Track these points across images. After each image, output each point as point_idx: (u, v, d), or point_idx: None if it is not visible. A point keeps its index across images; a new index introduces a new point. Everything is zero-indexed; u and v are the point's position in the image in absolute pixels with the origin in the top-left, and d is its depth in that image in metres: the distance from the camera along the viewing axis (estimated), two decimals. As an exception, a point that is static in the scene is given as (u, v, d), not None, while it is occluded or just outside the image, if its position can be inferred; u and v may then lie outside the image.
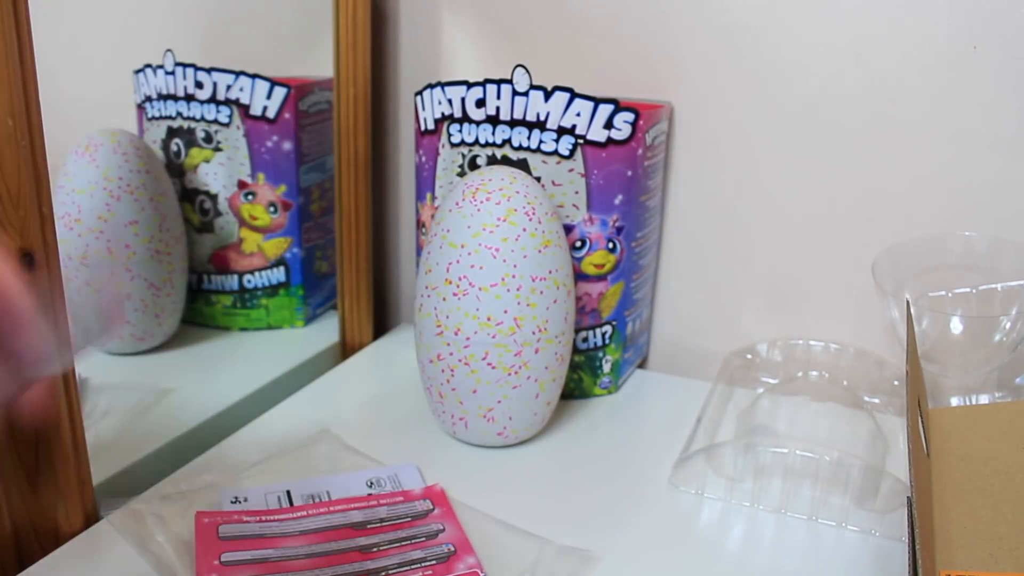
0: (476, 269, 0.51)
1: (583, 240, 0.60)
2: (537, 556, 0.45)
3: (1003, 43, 0.56)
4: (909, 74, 0.59)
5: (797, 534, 0.48)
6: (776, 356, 0.66)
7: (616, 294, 0.62)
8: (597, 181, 0.58)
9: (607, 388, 0.65)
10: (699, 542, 0.48)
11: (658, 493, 0.52)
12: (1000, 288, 0.57)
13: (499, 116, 0.58)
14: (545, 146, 0.58)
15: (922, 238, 0.60)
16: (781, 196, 0.65)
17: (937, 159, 0.60)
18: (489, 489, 0.52)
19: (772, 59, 0.62)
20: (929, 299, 0.59)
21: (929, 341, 0.56)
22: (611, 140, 0.57)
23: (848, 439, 0.57)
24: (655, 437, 0.59)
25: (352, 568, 0.42)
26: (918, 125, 0.60)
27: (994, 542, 0.36)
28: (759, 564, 0.46)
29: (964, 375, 0.56)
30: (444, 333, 0.52)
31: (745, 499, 0.51)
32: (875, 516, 0.49)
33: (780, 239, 0.66)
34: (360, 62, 0.69)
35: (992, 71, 0.57)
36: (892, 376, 0.63)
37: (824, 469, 0.49)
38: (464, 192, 0.52)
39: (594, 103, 0.56)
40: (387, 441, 0.57)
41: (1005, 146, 0.58)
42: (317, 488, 0.50)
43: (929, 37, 0.58)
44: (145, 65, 0.71)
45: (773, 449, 0.50)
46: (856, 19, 0.59)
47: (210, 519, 0.45)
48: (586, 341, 0.63)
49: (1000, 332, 0.55)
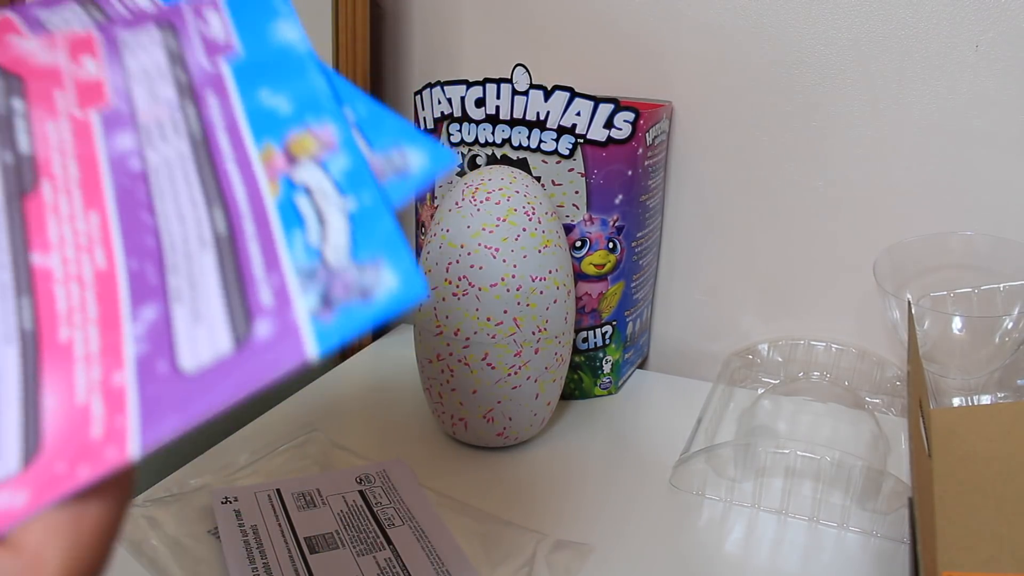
0: (476, 269, 0.51)
1: (583, 240, 0.60)
2: (534, 550, 0.45)
3: (1004, 42, 0.56)
4: (910, 73, 0.59)
5: (798, 535, 0.48)
6: (777, 356, 0.66)
7: (616, 294, 0.62)
8: (597, 181, 0.58)
9: (607, 388, 0.65)
10: (699, 543, 0.47)
11: (658, 494, 0.52)
12: (1002, 288, 0.57)
13: (499, 115, 0.58)
14: (545, 146, 0.58)
15: (923, 238, 0.60)
16: (781, 196, 0.65)
17: (938, 159, 0.60)
18: (489, 489, 0.52)
19: (772, 59, 0.62)
20: (930, 299, 0.58)
21: (930, 341, 0.56)
22: (611, 139, 0.57)
23: (849, 440, 0.57)
24: (655, 437, 0.59)
25: None
26: (919, 125, 0.59)
27: (996, 543, 0.36)
28: (759, 565, 0.46)
29: (966, 375, 0.55)
30: (444, 333, 0.52)
31: (746, 500, 0.51)
32: (876, 517, 0.49)
33: (781, 239, 0.66)
34: (359, 61, 0.69)
35: (993, 70, 0.57)
36: (893, 376, 0.62)
37: (825, 470, 0.49)
38: (464, 192, 0.52)
39: (594, 102, 0.56)
40: (386, 441, 0.57)
41: (1006, 146, 0.58)
42: (307, 487, 0.50)
43: (930, 36, 0.58)
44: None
45: (774, 450, 0.50)
46: (856, 18, 0.59)
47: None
48: (586, 341, 0.63)
49: (1002, 332, 0.55)
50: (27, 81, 0.24)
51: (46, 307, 0.20)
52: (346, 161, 0.21)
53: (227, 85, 0.23)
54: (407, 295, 0.19)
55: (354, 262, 0.19)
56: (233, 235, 0.20)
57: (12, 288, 0.20)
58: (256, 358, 0.18)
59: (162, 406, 0.18)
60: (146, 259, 0.20)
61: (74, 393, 0.18)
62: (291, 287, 0.19)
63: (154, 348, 0.19)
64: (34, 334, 0.19)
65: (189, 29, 0.25)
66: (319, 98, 0.22)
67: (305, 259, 0.19)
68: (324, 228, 0.20)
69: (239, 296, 0.19)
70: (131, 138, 0.23)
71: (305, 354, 0.18)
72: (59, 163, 0.22)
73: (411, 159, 0.22)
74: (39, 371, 0.19)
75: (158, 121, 0.23)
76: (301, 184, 0.21)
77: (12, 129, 0.23)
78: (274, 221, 0.20)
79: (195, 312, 0.19)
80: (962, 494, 0.37)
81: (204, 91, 0.23)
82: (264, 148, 0.22)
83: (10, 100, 0.23)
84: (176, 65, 0.24)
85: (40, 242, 0.21)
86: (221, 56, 0.24)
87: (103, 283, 0.20)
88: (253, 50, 0.24)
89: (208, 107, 0.23)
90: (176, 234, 0.21)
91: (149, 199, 0.21)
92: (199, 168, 0.22)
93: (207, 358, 0.18)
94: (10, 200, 0.21)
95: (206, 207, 0.21)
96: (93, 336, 0.19)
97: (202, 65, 0.24)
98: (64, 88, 0.24)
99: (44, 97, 0.24)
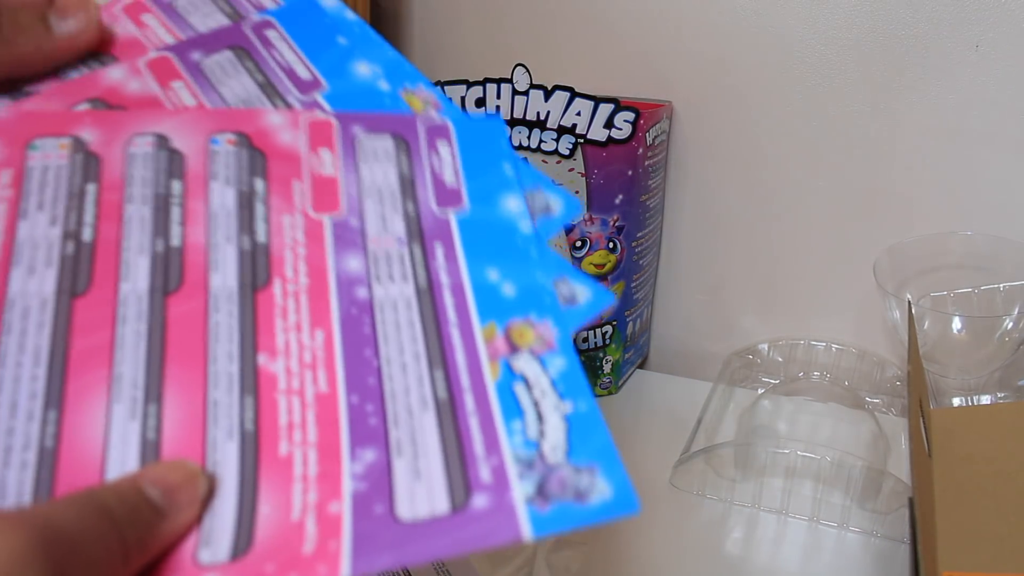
0: (476, 269, 0.51)
1: (583, 240, 0.60)
2: (534, 550, 0.45)
3: (1005, 42, 0.56)
4: (910, 73, 0.59)
5: (798, 535, 0.48)
6: (777, 356, 0.66)
7: (616, 294, 0.62)
8: (597, 181, 0.58)
9: (607, 388, 0.65)
10: (699, 543, 0.47)
11: (658, 493, 0.52)
12: (1002, 288, 0.57)
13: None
14: (545, 146, 0.58)
15: (923, 238, 0.60)
16: (782, 196, 0.65)
17: (938, 159, 0.59)
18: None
19: (772, 59, 0.62)
20: (931, 299, 0.58)
21: (931, 341, 0.55)
22: (612, 139, 0.57)
23: (849, 440, 0.57)
24: (655, 437, 0.59)
25: None
26: (919, 125, 0.59)
27: (996, 543, 0.35)
28: (759, 565, 0.46)
29: (966, 375, 0.55)
30: (443, 333, 0.52)
31: (746, 500, 0.51)
32: (876, 517, 0.49)
33: (781, 239, 0.66)
34: (360, 61, 0.69)
35: (993, 70, 0.57)
36: (893, 376, 0.62)
37: (825, 470, 0.49)
38: (464, 191, 0.52)
39: (594, 102, 0.56)
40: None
41: (1006, 146, 0.58)
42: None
43: (930, 36, 0.57)
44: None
45: (774, 450, 0.50)
46: (856, 18, 0.59)
47: None
48: (586, 341, 0.63)
49: (1002, 332, 0.55)
50: (269, 161, 0.24)
51: (268, 414, 0.20)
52: (564, 363, 0.22)
53: (455, 243, 0.23)
54: (620, 507, 0.20)
55: (571, 463, 0.20)
56: (454, 404, 0.21)
57: (238, 384, 0.20)
58: (472, 525, 0.19)
59: (376, 543, 0.18)
60: (367, 399, 0.21)
61: (290, 508, 0.19)
62: (510, 471, 0.20)
63: (372, 490, 0.19)
64: (255, 438, 0.20)
65: (422, 155, 0.25)
66: (543, 295, 0.23)
67: (523, 448, 0.20)
68: (542, 424, 0.21)
69: (459, 467, 0.20)
70: (360, 263, 0.23)
71: (520, 533, 0.19)
72: (291, 264, 0.22)
73: (578, 293, 0.23)
74: (257, 476, 0.19)
75: (386, 254, 0.23)
76: (520, 373, 0.21)
77: (252, 213, 0.23)
78: (494, 402, 0.21)
79: (415, 469, 0.20)
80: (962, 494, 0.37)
81: (433, 239, 0.23)
82: (488, 326, 0.22)
83: (253, 179, 0.23)
84: (407, 196, 0.24)
85: (268, 344, 0.21)
86: (451, 209, 0.24)
87: (324, 408, 0.20)
88: (480, 209, 0.24)
89: (435, 259, 0.23)
90: (398, 384, 0.21)
91: (374, 337, 0.22)
92: (423, 322, 0.22)
93: (423, 513, 0.19)
94: (243, 290, 0.22)
95: (428, 366, 0.21)
96: (312, 460, 0.20)
97: (432, 209, 0.24)
98: (302, 180, 0.24)
99: (283, 184, 0.24)
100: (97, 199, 0.22)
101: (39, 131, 0.23)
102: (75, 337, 0.20)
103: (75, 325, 0.20)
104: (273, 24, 0.27)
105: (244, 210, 0.23)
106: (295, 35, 0.27)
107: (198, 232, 0.22)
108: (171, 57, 0.25)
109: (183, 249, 0.22)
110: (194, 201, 0.23)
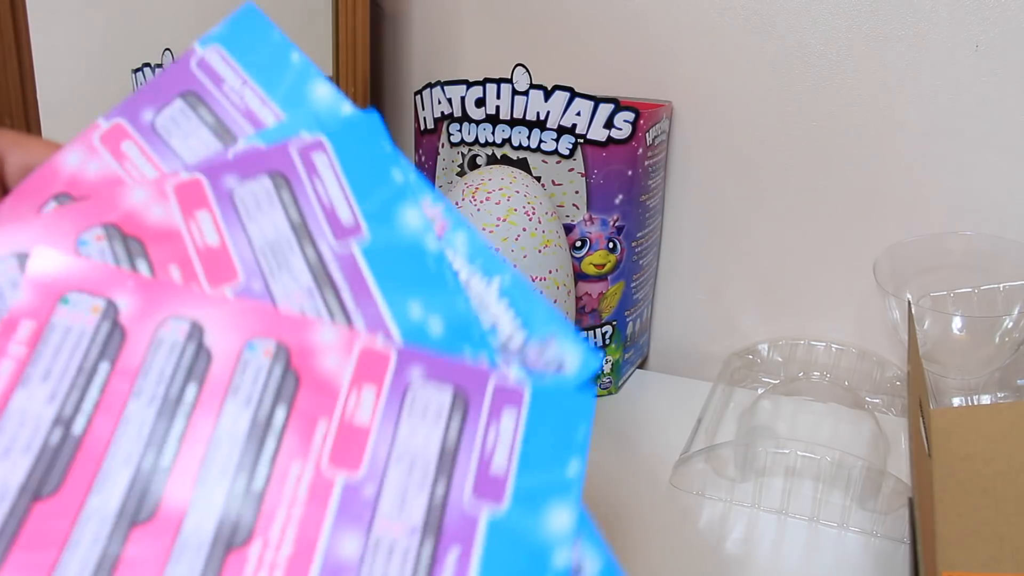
0: (476, 269, 0.51)
1: (583, 240, 0.60)
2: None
3: (1004, 42, 0.56)
4: (910, 73, 0.59)
5: (798, 535, 0.48)
6: (777, 357, 0.66)
7: (616, 294, 0.62)
8: (597, 181, 0.58)
9: (607, 388, 0.65)
10: (699, 543, 0.47)
11: (658, 493, 0.52)
12: (1002, 288, 0.57)
13: (499, 115, 0.58)
14: (545, 145, 0.58)
15: (923, 238, 0.60)
16: (781, 196, 0.65)
17: (938, 159, 0.59)
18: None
19: (772, 59, 0.62)
20: (930, 299, 0.58)
21: (931, 341, 0.55)
22: (611, 139, 0.57)
23: (849, 440, 0.57)
24: (655, 437, 0.59)
25: None
26: (919, 125, 0.59)
27: (996, 543, 0.35)
28: (760, 565, 0.46)
29: (966, 375, 0.55)
30: (443, 333, 0.52)
31: (746, 500, 0.51)
32: (876, 517, 0.49)
33: (781, 239, 0.66)
34: (359, 61, 0.69)
35: (993, 70, 0.57)
36: (893, 376, 0.62)
37: (825, 470, 0.49)
38: (464, 192, 0.52)
39: (594, 102, 0.56)
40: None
41: (1006, 146, 0.58)
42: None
43: (930, 36, 0.57)
44: (143, 64, 0.71)
45: (774, 450, 0.50)
46: (856, 18, 0.59)
47: None
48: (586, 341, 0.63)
49: (1002, 332, 0.55)
50: (300, 388, 0.21)
51: None
52: None
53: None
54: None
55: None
56: None
57: None
58: None
59: None
60: None
61: None
62: None
63: None
64: None
65: (484, 421, 0.22)
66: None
67: None
68: None
69: None
70: (357, 547, 0.19)
71: None
72: (280, 525, 0.19)
73: (566, 358, 0.21)
74: None
75: (391, 546, 0.20)
76: None
77: (260, 450, 0.20)
78: None
79: None
80: (962, 494, 0.37)
81: (450, 543, 0.20)
82: None
83: (275, 407, 0.20)
84: (442, 472, 0.21)
85: None
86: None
87: None
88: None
89: (444, 568, 0.20)
90: None
91: None
92: None
93: None
94: (216, 545, 0.19)
95: None
96: None
97: (462, 505, 0.21)
98: (330, 421, 0.21)
99: (307, 421, 0.20)
100: (104, 384, 0.20)
101: (78, 284, 0.21)
102: (15, 549, 0.18)
103: (23, 533, 0.18)
104: (324, 146, 0.23)
105: (252, 443, 0.20)
106: (346, 162, 0.23)
107: (194, 456, 0.20)
108: (202, 181, 0.23)
109: (171, 472, 0.19)
110: (203, 417, 0.20)
